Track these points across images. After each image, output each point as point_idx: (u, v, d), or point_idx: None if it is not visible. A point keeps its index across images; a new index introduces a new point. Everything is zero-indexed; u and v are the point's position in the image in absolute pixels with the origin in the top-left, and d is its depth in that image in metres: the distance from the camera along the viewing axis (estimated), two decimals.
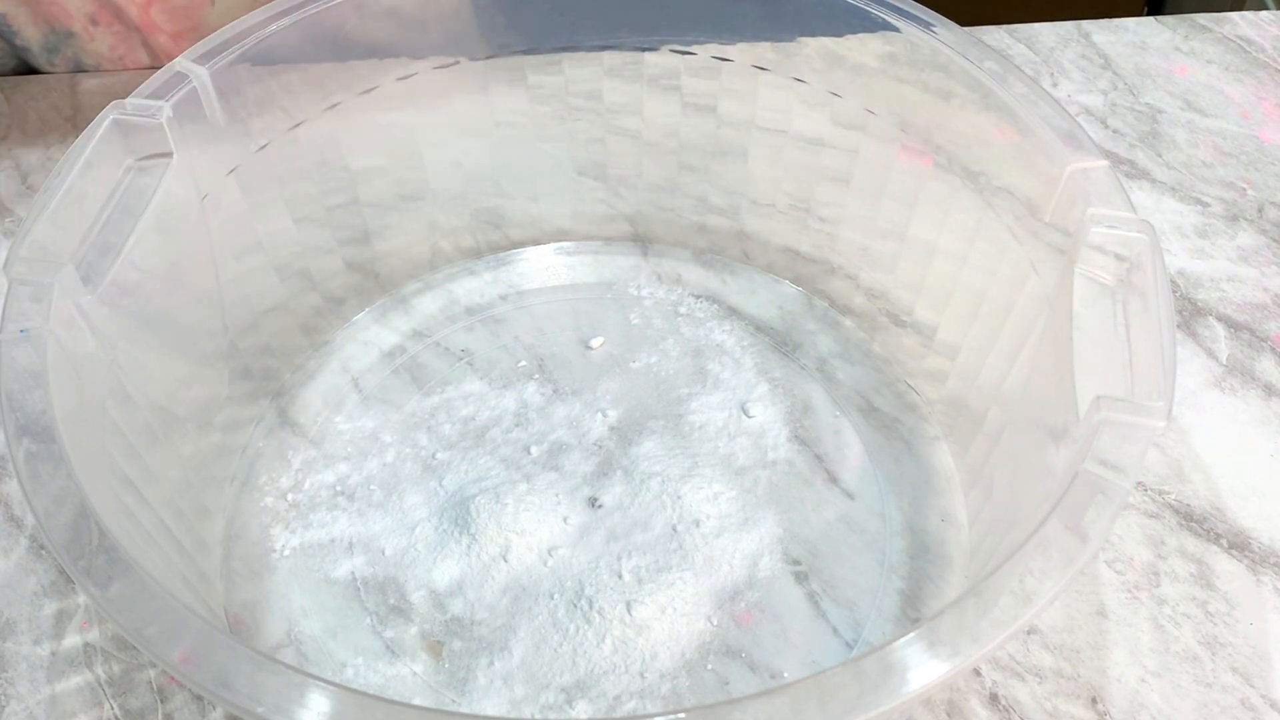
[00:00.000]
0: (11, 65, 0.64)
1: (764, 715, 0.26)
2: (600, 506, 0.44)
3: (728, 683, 0.40)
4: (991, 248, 0.42)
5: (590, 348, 0.50)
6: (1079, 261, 0.35)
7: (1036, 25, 0.68)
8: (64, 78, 0.63)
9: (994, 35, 0.67)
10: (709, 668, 0.40)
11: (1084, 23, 0.68)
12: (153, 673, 0.39)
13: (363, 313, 0.52)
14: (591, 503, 0.44)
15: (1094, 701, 0.39)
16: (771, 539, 0.43)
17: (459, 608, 0.41)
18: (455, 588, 0.41)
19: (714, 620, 0.41)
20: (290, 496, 0.45)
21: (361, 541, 0.43)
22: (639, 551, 0.42)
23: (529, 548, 0.42)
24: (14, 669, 0.39)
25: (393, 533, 0.43)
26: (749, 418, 0.47)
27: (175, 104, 0.39)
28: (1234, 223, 0.56)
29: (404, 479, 0.45)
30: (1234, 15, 0.69)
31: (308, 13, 0.43)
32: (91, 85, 0.62)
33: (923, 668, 0.27)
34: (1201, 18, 0.68)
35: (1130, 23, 0.68)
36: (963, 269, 0.45)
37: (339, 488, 0.45)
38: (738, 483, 0.45)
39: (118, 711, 0.38)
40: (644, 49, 0.48)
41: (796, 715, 0.26)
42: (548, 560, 0.42)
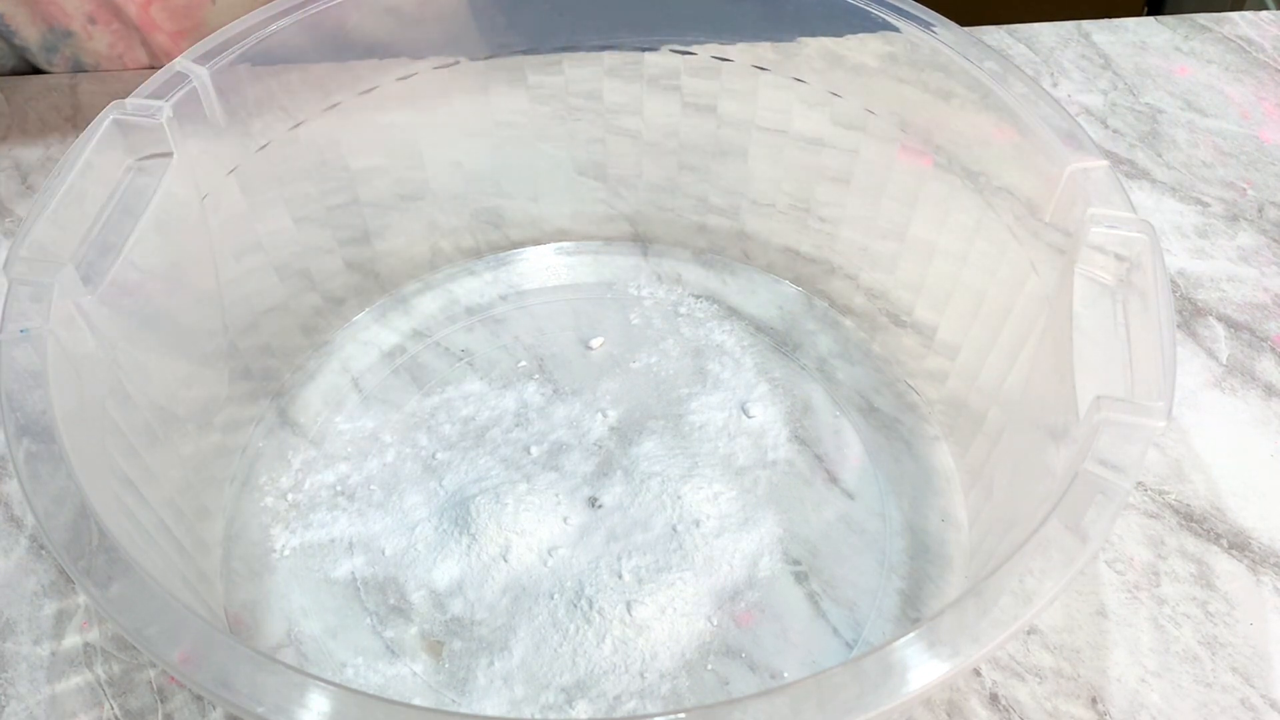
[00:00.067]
0: (11, 65, 0.64)
1: (764, 715, 0.26)
2: (600, 506, 0.44)
3: (728, 683, 0.40)
4: (991, 248, 0.42)
5: (590, 348, 0.50)
6: (1079, 261, 0.35)
7: (1036, 25, 0.67)
8: (64, 78, 0.63)
9: (994, 35, 0.67)
10: (709, 668, 0.40)
11: (1084, 23, 0.68)
12: (153, 673, 0.39)
13: (363, 313, 0.52)
14: (591, 503, 0.44)
15: (1094, 701, 0.39)
16: (771, 539, 0.43)
17: (459, 608, 0.41)
18: (455, 588, 0.41)
19: (714, 620, 0.41)
20: (290, 496, 0.45)
21: (361, 541, 0.43)
22: (639, 551, 0.42)
23: (529, 548, 0.42)
24: (14, 669, 0.39)
25: (393, 533, 0.43)
26: (749, 418, 0.47)
27: (175, 104, 0.39)
28: (1234, 223, 0.56)
29: (404, 479, 0.45)
30: (1234, 15, 0.69)
31: (308, 12, 0.43)
32: (91, 85, 0.62)
33: (923, 668, 0.27)
34: (1201, 18, 0.68)
35: (1130, 23, 0.68)
36: (963, 269, 0.45)
37: (339, 488, 0.45)
38: (738, 483, 0.45)
39: (118, 711, 0.38)
40: (644, 49, 0.48)
41: (796, 715, 0.26)
42: (548, 560, 0.42)
